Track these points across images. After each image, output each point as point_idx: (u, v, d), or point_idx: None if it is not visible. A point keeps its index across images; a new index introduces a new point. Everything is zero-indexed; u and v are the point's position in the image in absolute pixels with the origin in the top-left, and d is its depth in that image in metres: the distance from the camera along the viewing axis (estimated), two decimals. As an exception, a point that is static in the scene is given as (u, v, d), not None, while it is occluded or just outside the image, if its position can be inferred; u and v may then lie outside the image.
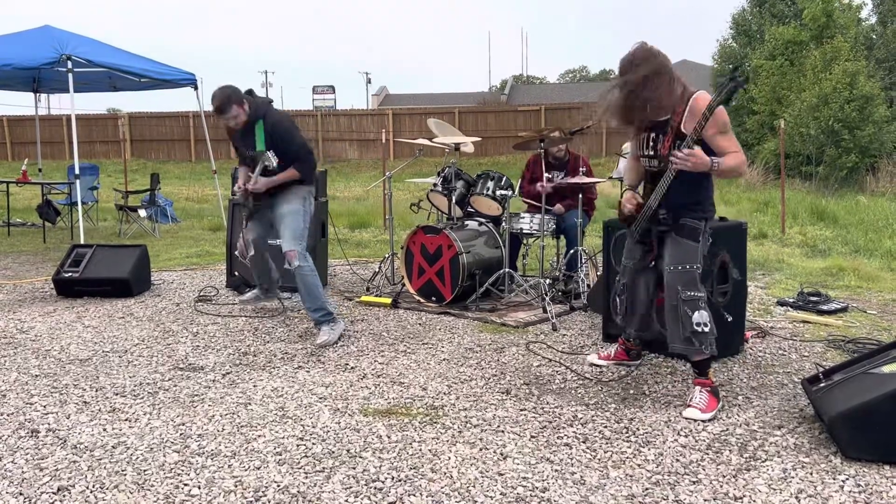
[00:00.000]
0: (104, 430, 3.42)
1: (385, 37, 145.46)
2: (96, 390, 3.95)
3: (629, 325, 4.10)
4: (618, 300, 4.08)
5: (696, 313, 3.56)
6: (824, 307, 5.62)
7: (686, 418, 3.50)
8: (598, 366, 4.34)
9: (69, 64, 8.47)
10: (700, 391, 3.61)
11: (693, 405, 3.56)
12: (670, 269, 3.64)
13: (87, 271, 6.26)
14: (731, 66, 4.58)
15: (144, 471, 2.99)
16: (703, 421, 3.47)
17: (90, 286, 6.22)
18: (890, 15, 23.23)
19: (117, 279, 6.20)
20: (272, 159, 4.83)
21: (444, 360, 4.47)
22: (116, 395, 3.88)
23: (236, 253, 5.48)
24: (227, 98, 4.75)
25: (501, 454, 3.14)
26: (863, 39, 22.35)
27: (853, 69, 18.59)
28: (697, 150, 3.40)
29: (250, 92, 5.02)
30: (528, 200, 6.35)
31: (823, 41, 20.67)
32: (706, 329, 3.58)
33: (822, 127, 18.40)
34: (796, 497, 2.76)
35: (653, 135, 3.63)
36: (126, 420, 3.53)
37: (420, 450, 3.18)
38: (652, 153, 3.65)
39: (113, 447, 3.22)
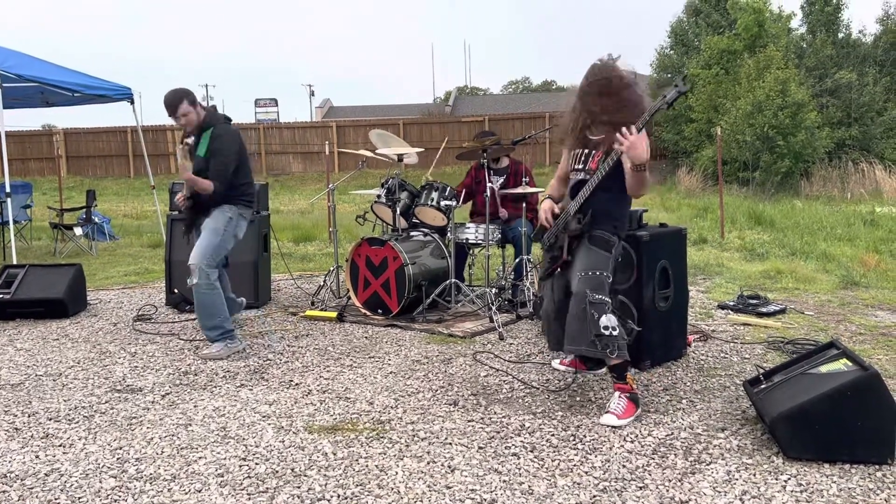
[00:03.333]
0: (36, 457, 3.28)
1: (328, 49, 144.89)
2: (28, 416, 3.80)
3: (545, 333, 4.14)
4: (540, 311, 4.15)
5: (604, 317, 3.55)
6: (763, 309, 5.74)
7: (602, 424, 3.53)
8: (558, 370, 4.38)
9: (-2, 79, 8.19)
10: (619, 397, 3.63)
11: (610, 411, 3.58)
12: (580, 276, 3.66)
13: (20, 292, 6.04)
14: (681, 75, 4.70)
15: (79, 498, 2.88)
16: (617, 427, 3.49)
17: (23, 308, 6.01)
18: (818, 24, 24.03)
19: (51, 300, 6.00)
20: (191, 141, 4.84)
21: (390, 373, 4.43)
22: (50, 420, 3.74)
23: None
24: (177, 96, 4.79)
25: (449, 467, 3.11)
26: (793, 48, 23.07)
27: (784, 77, 19.16)
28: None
29: (214, 107, 5.16)
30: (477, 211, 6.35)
31: (756, 50, 21.30)
32: (615, 333, 3.56)
33: (757, 133, 18.91)
34: (740, 499, 2.79)
35: (586, 151, 3.77)
36: (60, 446, 3.40)
37: (367, 466, 3.13)
38: (581, 167, 3.78)
39: (46, 475, 3.09)
